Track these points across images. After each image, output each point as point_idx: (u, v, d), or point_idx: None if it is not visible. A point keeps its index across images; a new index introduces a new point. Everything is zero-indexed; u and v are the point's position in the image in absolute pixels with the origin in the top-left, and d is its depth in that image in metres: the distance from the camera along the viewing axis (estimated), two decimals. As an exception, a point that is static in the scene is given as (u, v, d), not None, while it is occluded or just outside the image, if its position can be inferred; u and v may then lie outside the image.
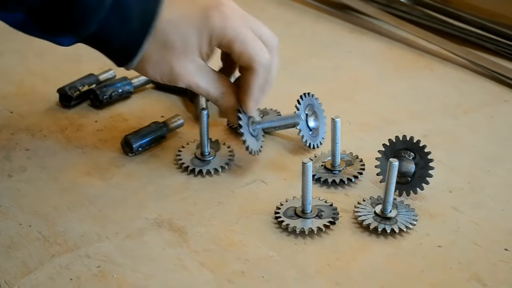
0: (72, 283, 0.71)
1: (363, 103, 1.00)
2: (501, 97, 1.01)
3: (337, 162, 0.85)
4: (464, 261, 0.73)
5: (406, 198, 0.81)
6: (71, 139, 0.91)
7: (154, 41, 0.76)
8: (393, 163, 0.75)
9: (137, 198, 0.82)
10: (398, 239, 0.76)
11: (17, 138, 0.91)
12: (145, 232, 0.77)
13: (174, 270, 0.72)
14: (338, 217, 0.78)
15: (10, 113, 0.96)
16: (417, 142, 0.81)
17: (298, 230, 0.76)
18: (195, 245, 0.75)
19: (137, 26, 0.75)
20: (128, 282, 0.71)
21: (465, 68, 1.08)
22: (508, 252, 0.74)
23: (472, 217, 0.79)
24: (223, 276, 0.72)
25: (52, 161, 0.87)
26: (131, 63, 0.77)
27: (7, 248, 0.75)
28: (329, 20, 1.23)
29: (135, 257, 0.74)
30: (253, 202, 0.80)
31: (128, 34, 0.75)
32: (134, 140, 0.87)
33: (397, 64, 1.10)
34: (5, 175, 0.85)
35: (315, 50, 1.14)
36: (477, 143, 0.91)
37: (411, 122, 0.95)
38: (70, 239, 0.76)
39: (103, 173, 0.85)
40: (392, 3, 1.22)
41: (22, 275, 0.71)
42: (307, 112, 0.89)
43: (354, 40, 1.17)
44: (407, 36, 1.16)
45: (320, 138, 0.90)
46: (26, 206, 0.80)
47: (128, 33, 0.75)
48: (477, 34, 1.14)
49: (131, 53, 0.76)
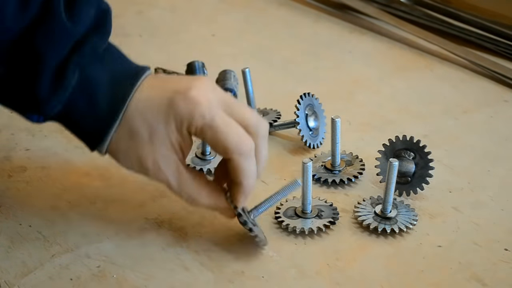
0: (72, 283, 0.71)
1: (363, 103, 1.00)
2: (501, 97, 1.01)
3: (337, 162, 0.85)
4: (464, 261, 0.73)
5: (406, 198, 0.81)
6: (71, 139, 0.90)
7: (121, 129, 0.69)
8: (393, 163, 0.75)
9: (137, 198, 0.82)
10: (398, 239, 0.76)
11: (17, 138, 0.91)
12: (145, 232, 0.77)
13: (174, 270, 0.72)
14: (338, 217, 0.78)
15: (10, 113, 0.96)
16: (417, 142, 0.81)
17: (298, 230, 0.76)
18: (195, 245, 0.75)
19: (105, 111, 0.68)
20: (128, 282, 0.71)
21: (465, 68, 1.08)
22: (508, 252, 0.74)
23: (472, 217, 0.79)
24: (223, 276, 0.72)
25: (52, 161, 0.87)
26: (101, 149, 0.70)
27: (7, 248, 0.75)
28: (329, 20, 1.23)
29: (135, 257, 0.74)
30: (253, 202, 0.80)
31: (95, 119, 0.69)
32: (134, 140, 0.87)
33: (397, 64, 1.10)
34: (5, 175, 0.85)
35: (315, 50, 1.14)
36: (477, 143, 0.91)
37: (411, 122, 0.95)
38: (70, 239, 0.76)
39: (103, 173, 0.85)
40: (392, 3, 1.22)
41: (22, 275, 0.71)
42: (307, 112, 0.89)
43: (354, 40, 1.17)
44: (407, 36, 1.16)
45: (320, 138, 0.90)
46: (26, 206, 0.80)
47: (96, 118, 0.69)
48: (477, 34, 1.14)
49: (100, 138, 0.69)
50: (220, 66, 0.92)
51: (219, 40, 1.17)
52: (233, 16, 1.24)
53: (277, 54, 1.12)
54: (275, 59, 1.11)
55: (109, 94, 0.68)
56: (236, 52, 1.12)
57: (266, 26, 1.20)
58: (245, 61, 1.05)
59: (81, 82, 0.68)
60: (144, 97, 0.69)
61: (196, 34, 1.18)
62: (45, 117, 0.70)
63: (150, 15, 1.24)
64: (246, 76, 0.91)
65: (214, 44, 1.15)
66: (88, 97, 0.68)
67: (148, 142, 0.69)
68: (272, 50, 1.13)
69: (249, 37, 1.17)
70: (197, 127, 0.68)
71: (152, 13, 1.24)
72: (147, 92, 0.69)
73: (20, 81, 0.67)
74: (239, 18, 1.23)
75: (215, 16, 1.24)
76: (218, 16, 1.24)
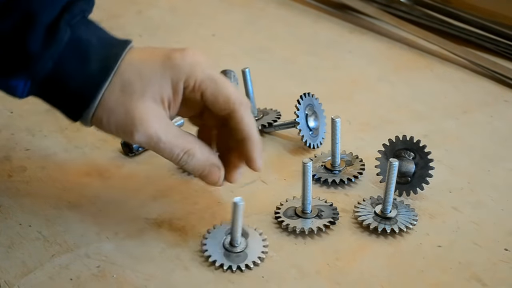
0: (72, 283, 0.71)
1: (363, 103, 1.00)
2: (501, 97, 1.01)
3: (337, 162, 0.85)
4: (464, 261, 0.73)
5: (406, 198, 0.81)
6: (71, 139, 0.91)
7: (113, 85, 0.68)
8: (393, 163, 0.75)
9: (137, 198, 0.82)
10: (398, 239, 0.76)
11: (17, 138, 0.91)
12: (145, 232, 0.77)
13: (174, 270, 0.73)
14: (338, 217, 0.78)
15: (10, 113, 0.96)
16: (417, 142, 0.81)
17: (298, 230, 0.76)
18: (195, 245, 0.75)
19: (96, 68, 0.68)
20: (128, 282, 0.71)
21: (465, 68, 1.08)
22: (508, 252, 0.74)
23: (472, 217, 0.79)
24: (223, 276, 0.72)
25: (52, 161, 0.87)
26: (88, 111, 0.69)
27: (7, 248, 0.75)
28: (329, 20, 1.23)
29: (135, 257, 0.74)
30: (253, 202, 0.80)
31: (87, 76, 0.68)
32: (134, 140, 0.87)
33: (397, 64, 1.10)
34: (5, 175, 0.85)
35: (315, 50, 1.14)
36: (477, 143, 0.91)
37: (411, 122, 0.95)
38: (70, 239, 0.76)
39: (103, 173, 0.85)
40: (392, 3, 1.22)
41: (22, 275, 0.72)
42: (307, 112, 0.89)
43: (354, 40, 1.17)
44: (407, 36, 1.16)
45: (320, 138, 0.90)
46: (26, 206, 0.80)
47: (87, 75, 0.68)
48: (477, 34, 1.14)
49: (89, 97, 0.68)
50: (220, 66, 0.92)
51: (219, 40, 1.17)
52: (233, 16, 1.24)
53: (277, 54, 1.12)
54: (275, 59, 1.11)
55: (101, 53, 0.69)
56: (236, 52, 1.12)
57: (266, 26, 1.20)
58: (245, 61, 1.05)
59: (72, 40, 0.68)
60: (137, 57, 0.70)
61: (196, 34, 1.18)
62: (32, 80, 0.68)
63: (150, 15, 1.24)
64: (246, 76, 0.91)
65: (214, 44, 1.15)
66: (79, 54, 0.68)
67: (139, 94, 0.69)
68: (272, 50, 1.13)
69: (249, 37, 1.17)
70: (197, 80, 0.69)
71: (152, 13, 1.24)
72: (138, 54, 0.70)
73: (11, 38, 0.66)
74: (239, 18, 1.23)
75: (215, 16, 1.25)
76: (218, 16, 1.24)
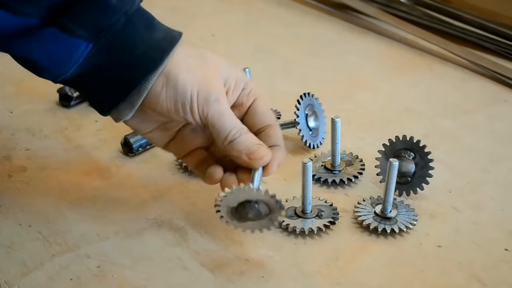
0: (72, 283, 0.71)
1: (363, 103, 1.00)
2: (501, 97, 1.01)
3: (337, 162, 0.85)
4: (464, 261, 0.73)
5: (406, 198, 0.81)
6: (71, 139, 0.91)
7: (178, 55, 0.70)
8: (393, 163, 0.75)
9: (137, 198, 0.82)
10: (398, 239, 0.76)
11: (17, 138, 0.91)
12: (145, 232, 0.77)
13: (174, 270, 0.73)
14: (338, 217, 0.78)
15: (10, 113, 0.96)
16: (417, 142, 0.81)
17: (298, 230, 0.76)
18: (195, 245, 0.75)
19: (162, 38, 0.70)
20: (128, 282, 0.71)
21: (465, 68, 1.08)
22: (508, 252, 0.74)
23: (472, 217, 0.79)
24: (223, 276, 0.72)
25: (52, 161, 0.87)
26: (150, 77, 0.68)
27: (7, 248, 0.75)
28: (329, 20, 1.23)
29: (135, 257, 0.74)
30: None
31: (153, 41, 0.69)
32: (134, 140, 0.87)
33: (397, 64, 1.10)
34: (5, 175, 0.85)
35: (315, 50, 1.14)
36: (477, 143, 0.91)
37: (411, 122, 0.95)
38: (70, 239, 0.76)
39: (103, 173, 0.85)
40: (392, 3, 1.22)
41: (22, 275, 0.71)
42: (307, 112, 0.89)
43: (354, 40, 1.17)
44: (407, 36, 1.16)
45: (320, 138, 0.90)
46: (26, 206, 0.80)
47: (154, 40, 0.69)
48: (477, 34, 1.14)
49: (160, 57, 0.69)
50: (220, 66, 0.92)
51: (219, 40, 1.17)
52: (233, 16, 1.24)
53: (277, 54, 1.12)
54: (275, 59, 1.11)
55: (163, 27, 0.71)
56: (236, 52, 1.12)
57: (266, 26, 1.20)
58: (245, 61, 1.05)
59: (139, 10, 0.70)
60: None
61: (196, 34, 1.18)
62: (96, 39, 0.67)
63: (150, 15, 1.23)
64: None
65: (214, 44, 1.15)
66: (146, 22, 0.70)
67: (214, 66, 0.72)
68: (272, 50, 1.13)
69: (249, 37, 1.17)
70: (251, 89, 0.74)
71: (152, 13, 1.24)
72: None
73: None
74: (239, 18, 1.23)
75: (215, 16, 1.25)
76: (218, 16, 1.24)
